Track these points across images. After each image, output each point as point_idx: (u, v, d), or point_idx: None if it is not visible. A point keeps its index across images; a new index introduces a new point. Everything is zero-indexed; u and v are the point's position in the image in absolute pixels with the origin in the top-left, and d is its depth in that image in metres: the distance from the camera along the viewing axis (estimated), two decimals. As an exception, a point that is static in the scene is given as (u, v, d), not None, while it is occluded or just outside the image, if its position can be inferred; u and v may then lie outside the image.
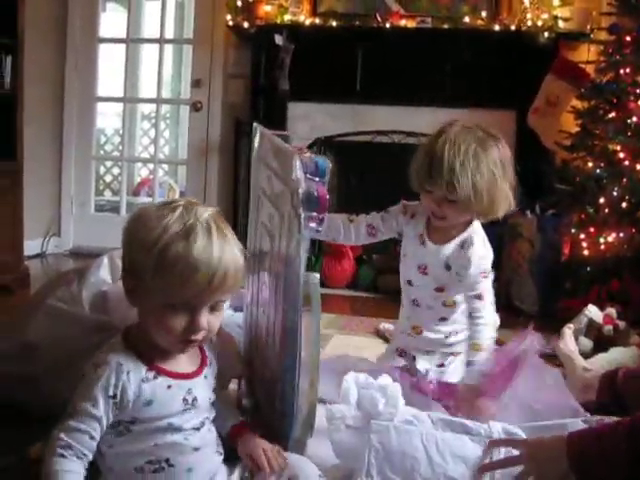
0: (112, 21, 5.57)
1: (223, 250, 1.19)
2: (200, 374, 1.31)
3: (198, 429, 1.28)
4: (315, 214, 1.40)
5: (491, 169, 1.83)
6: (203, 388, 1.30)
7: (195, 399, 1.27)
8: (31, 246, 4.44)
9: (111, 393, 1.17)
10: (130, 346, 1.24)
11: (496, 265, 2.16)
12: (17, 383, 1.90)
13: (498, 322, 2.93)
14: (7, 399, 1.88)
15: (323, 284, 4.16)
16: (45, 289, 2.18)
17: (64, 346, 1.95)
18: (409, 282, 2.08)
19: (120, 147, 5.56)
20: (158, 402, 1.22)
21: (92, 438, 1.16)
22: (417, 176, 1.89)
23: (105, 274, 2.14)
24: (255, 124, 1.83)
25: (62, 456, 1.14)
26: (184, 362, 1.29)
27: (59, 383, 1.87)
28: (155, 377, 1.22)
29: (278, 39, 4.27)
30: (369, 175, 4.25)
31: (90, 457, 1.17)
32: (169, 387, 1.24)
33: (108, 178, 6.41)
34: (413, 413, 1.52)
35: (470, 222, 1.98)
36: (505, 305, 3.31)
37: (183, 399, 1.25)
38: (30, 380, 1.90)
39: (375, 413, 1.47)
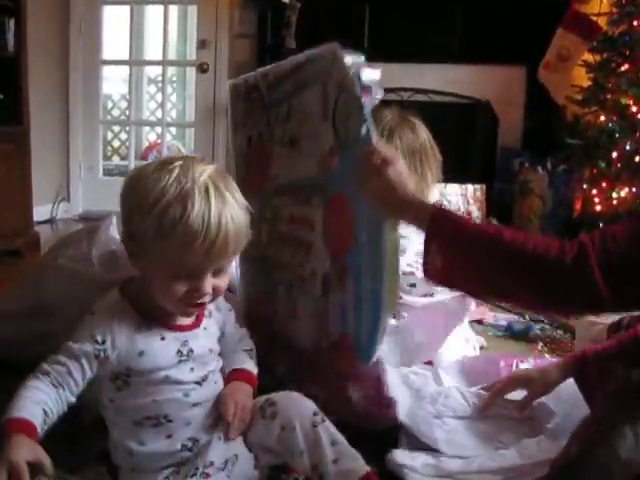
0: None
1: (222, 214, 1.15)
2: (198, 326, 1.29)
3: (199, 383, 1.27)
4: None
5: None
6: (202, 339, 1.29)
7: (191, 350, 1.26)
8: (40, 212, 4.44)
9: (99, 339, 1.18)
10: (127, 297, 1.24)
11: (507, 221, 2.16)
12: (33, 341, 1.92)
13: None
14: (25, 356, 1.89)
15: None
16: (55, 249, 2.18)
17: (76, 304, 1.95)
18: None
19: (127, 112, 5.53)
20: (151, 353, 1.22)
21: (70, 373, 1.17)
22: None
23: (114, 233, 2.13)
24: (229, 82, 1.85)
25: (36, 377, 1.16)
26: (180, 316, 1.28)
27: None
28: (149, 328, 1.22)
29: (284, -3, 4.22)
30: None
31: (68, 391, 1.17)
32: (163, 338, 1.23)
33: (116, 143, 6.40)
34: None
35: None
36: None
37: (177, 351, 1.24)
38: (45, 337, 1.92)
39: None
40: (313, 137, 1.53)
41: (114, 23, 5.11)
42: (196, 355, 1.26)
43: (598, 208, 3.30)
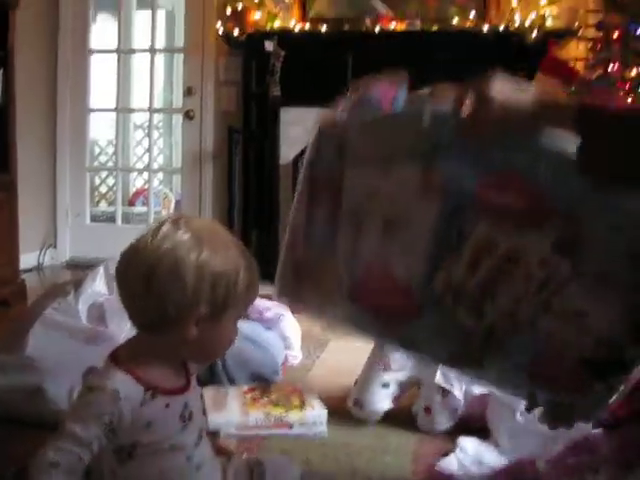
0: (103, 32, 5.59)
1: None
2: (190, 385, 1.29)
3: (197, 444, 1.26)
4: None
5: None
6: (196, 399, 1.29)
7: (191, 413, 1.25)
8: (28, 259, 4.44)
9: (106, 421, 1.14)
10: (124, 367, 1.20)
11: None
12: (21, 395, 1.92)
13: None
14: (16, 412, 1.89)
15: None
16: (42, 301, 2.19)
17: (62, 357, 1.97)
18: None
19: (114, 157, 5.58)
20: (158, 423, 1.19)
21: (81, 460, 1.13)
22: None
23: (101, 285, 2.16)
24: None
25: (49, 474, 1.11)
26: (174, 376, 1.27)
27: (59, 393, 1.90)
28: (153, 397, 1.20)
29: (268, 45, 4.28)
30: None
31: (80, 475, 1.15)
32: (167, 406, 1.21)
33: (103, 189, 6.42)
34: None
35: None
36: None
37: (180, 415, 1.23)
38: (33, 391, 1.92)
39: None
40: None
41: (101, 71, 5.17)
42: (194, 417, 1.26)
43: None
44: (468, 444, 1.84)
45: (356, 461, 1.75)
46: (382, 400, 2.02)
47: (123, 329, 1.95)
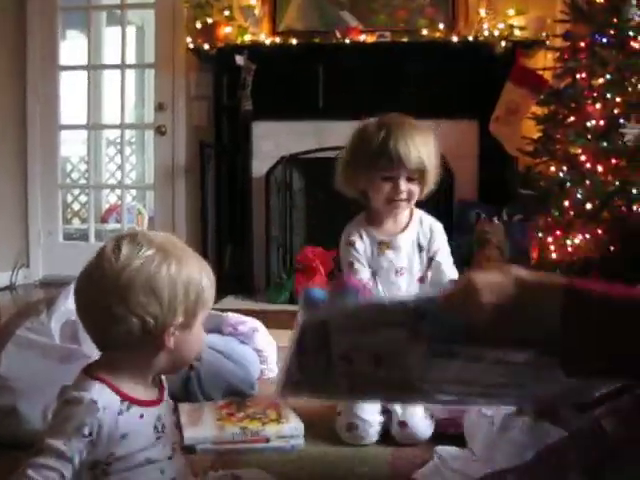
0: (73, 48, 5.56)
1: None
2: (163, 398, 1.31)
3: (170, 458, 1.27)
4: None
5: (431, 140, 1.97)
6: (168, 412, 1.31)
7: (164, 426, 1.27)
8: (0, 279, 4.39)
9: (86, 432, 1.14)
10: (100, 379, 1.21)
11: None
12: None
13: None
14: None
15: (295, 301, 4.18)
16: (14, 320, 2.17)
17: (36, 376, 1.94)
18: None
19: (86, 174, 5.54)
20: (133, 434, 1.20)
21: (63, 477, 1.12)
22: (369, 168, 1.93)
23: (74, 303, 2.13)
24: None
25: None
26: (148, 389, 1.28)
27: (34, 412, 1.88)
28: (129, 408, 1.21)
29: (239, 59, 4.29)
30: (335, 190, 4.27)
31: None
32: (141, 416, 1.23)
33: (76, 206, 6.37)
34: None
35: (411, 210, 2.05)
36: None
37: (154, 427, 1.25)
38: (7, 411, 1.89)
39: None
40: None
41: (71, 88, 5.14)
42: (167, 430, 1.27)
43: (554, 256, 3.36)
44: (446, 453, 1.83)
45: (333, 473, 1.75)
46: (372, 413, 1.95)
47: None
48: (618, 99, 3.24)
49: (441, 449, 1.84)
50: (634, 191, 3.11)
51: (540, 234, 3.46)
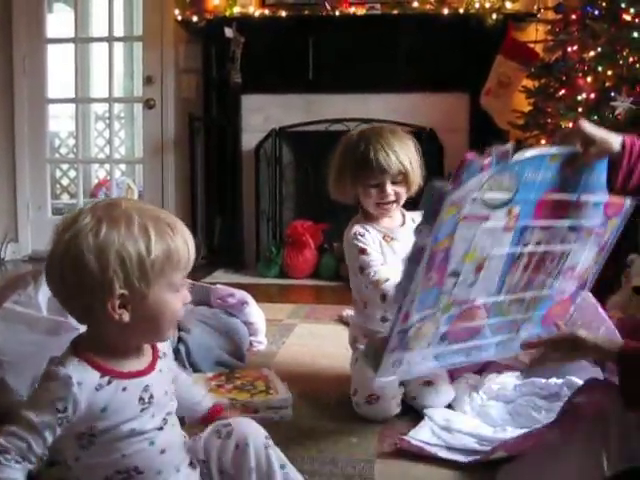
0: (60, 21, 5.49)
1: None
2: (154, 368, 1.28)
3: (161, 428, 1.26)
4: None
5: (409, 144, 2.07)
6: (159, 383, 1.27)
7: (151, 396, 1.24)
8: (-12, 253, 4.38)
9: (59, 407, 1.13)
10: (81, 355, 1.19)
11: None
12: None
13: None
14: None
15: (285, 274, 4.18)
16: (1, 293, 2.15)
17: (24, 349, 1.94)
18: None
19: (75, 149, 5.50)
20: (114, 407, 1.19)
21: (30, 448, 1.13)
22: (356, 178, 2.03)
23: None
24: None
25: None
26: (137, 359, 1.26)
27: (22, 384, 1.88)
28: (109, 382, 1.19)
29: (228, 32, 4.25)
30: (325, 164, 4.26)
31: (32, 462, 1.14)
32: (124, 389, 1.20)
33: (65, 181, 6.33)
34: None
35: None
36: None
37: (139, 398, 1.22)
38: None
39: None
40: None
41: (59, 61, 5.09)
42: (156, 400, 1.25)
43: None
44: (436, 413, 1.86)
45: (322, 443, 1.76)
46: (393, 385, 1.97)
47: (84, 319, 1.92)
48: (609, 72, 3.23)
49: (431, 411, 1.87)
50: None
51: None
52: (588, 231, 1.50)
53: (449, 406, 1.97)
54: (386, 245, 2.06)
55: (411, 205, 2.09)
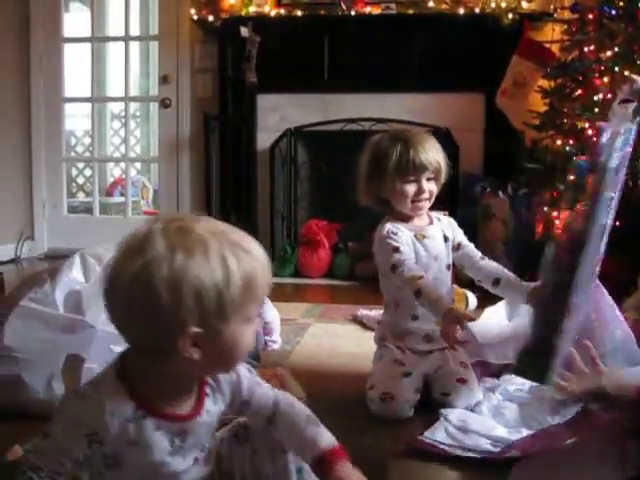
0: (76, 21, 5.52)
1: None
2: (199, 413, 1.16)
3: (188, 470, 1.17)
4: None
5: (437, 143, 2.14)
6: (200, 428, 1.17)
7: (184, 440, 1.15)
8: (5, 251, 4.41)
9: (86, 431, 1.06)
10: (122, 379, 1.10)
11: None
12: (0, 385, 1.90)
13: (475, 303, 2.98)
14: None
15: (300, 274, 4.18)
16: (18, 291, 2.17)
17: (40, 346, 1.95)
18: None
19: (91, 148, 5.53)
20: (143, 444, 1.10)
21: (62, 465, 1.07)
22: (393, 178, 2.07)
23: (77, 273, 2.13)
24: None
25: (32, 478, 1.06)
26: (179, 400, 1.15)
27: (38, 382, 1.89)
28: (144, 417, 1.10)
29: (244, 31, 4.26)
30: (340, 163, 4.26)
31: (63, 477, 1.08)
32: (158, 428, 1.11)
33: (81, 180, 6.37)
34: None
35: None
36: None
37: (170, 441, 1.13)
38: (12, 381, 1.90)
39: None
40: None
41: (75, 60, 5.12)
42: (188, 445, 1.15)
43: (559, 230, 3.35)
44: (451, 413, 1.87)
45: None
46: (410, 390, 2.00)
47: (100, 317, 1.93)
48: (626, 72, 3.20)
49: (446, 411, 1.87)
50: (640, 165, 3.09)
51: (545, 208, 3.45)
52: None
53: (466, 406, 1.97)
54: (418, 242, 2.09)
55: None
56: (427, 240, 2.10)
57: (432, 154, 2.06)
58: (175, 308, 1.01)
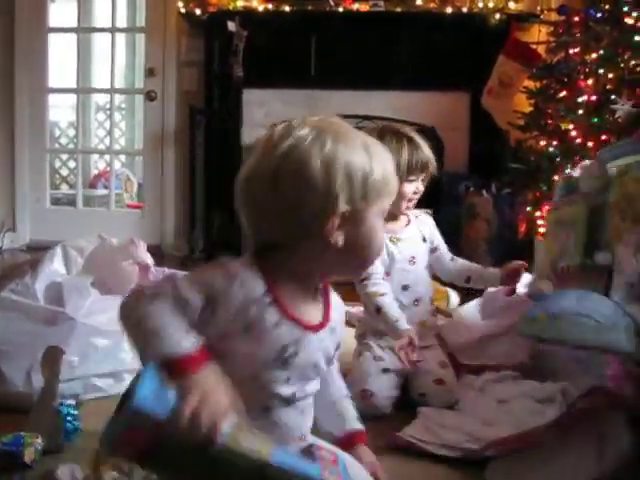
0: (62, 11, 5.48)
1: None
2: (324, 326, 1.12)
3: (287, 402, 1.10)
4: None
5: None
6: (316, 346, 1.11)
7: (297, 353, 1.07)
8: (-14, 242, 4.38)
9: (209, 292, 1.02)
10: (260, 264, 1.07)
11: (455, 245, 2.28)
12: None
13: (457, 300, 2.99)
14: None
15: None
16: (-1, 282, 2.16)
17: (20, 338, 1.94)
18: (405, 287, 2.12)
19: (75, 140, 5.49)
20: (255, 335, 1.04)
21: (188, 304, 1.02)
22: (400, 177, 2.07)
23: (59, 265, 2.14)
24: None
25: (152, 302, 1.00)
26: (309, 305, 1.11)
27: (17, 374, 1.88)
28: (269, 304, 1.05)
29: (231, 25, 4.24)
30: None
31: (186, 317, 1.01)
32: (277, 325, 1.05)
33: (64, 172, 6.32)
34: None
35: None
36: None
37: (283, 347, 1.06)
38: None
39: None
40: None
41: (61, 51, 5.08)
42: (297, 364, 1.08)
43: (541, 230, 3.38)
44: (430, 410, 1.88)
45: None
46: (390, 386, 2.01)
47: (81, 309, 1.93)
48: (610, 75, 3.23)
49: (424, 409, 1.88)
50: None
51: (528, 208, 3.47)
52: None
53: None
54: (392, 245, 2.09)
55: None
56: (402, 243, 2.10)
57: (430, 152, 2.07)
58: (328, 183, 1.03)
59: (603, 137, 3.20)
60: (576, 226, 2.00)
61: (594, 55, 3.31)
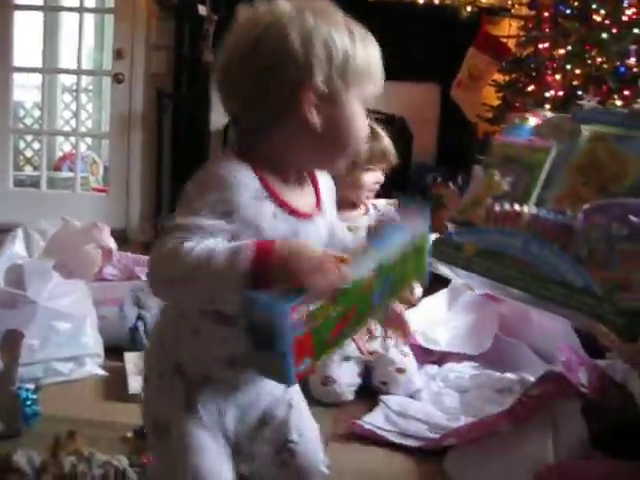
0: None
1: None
2: (318, 214, 1.13)
3: None
4: None
5: None
6: (314, 232, 1.11)
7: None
8: (-54, 222, 4.28)
9: (221, 210, 1.01)
10: (242, 158, 1.05)
11: None
12: None
13: (420, 291, 3.01)
14: None
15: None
16: (-42, 264, 2.12)
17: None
18: None
19: (40, 121, 5.40)
20: (255, 226, 1.03)
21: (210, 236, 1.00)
22: (355, 165, 2.07)
23: (20, 247, 2.11)
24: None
25: (191, 254, 0.96)
26: (296, 191, 1.10)
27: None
28: (266, 197, 1.04)
29: (202, 9, 4.20)
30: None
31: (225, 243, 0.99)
32: (275, 216, 1.05)
33: (29, 153, 6.22)
34: None
35: None
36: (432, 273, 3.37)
37: (282, 236, 1.05)
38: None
39: None
40: None
41: (26, 29, 4.98)
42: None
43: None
44: (391, 399, 1.89)
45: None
46: (351, 374, 2.02)
47: (43, 292, 1.91)
48: (578, 71, 3.26)
49: (386, 397, 1.90)
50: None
51: (494, 201, 3.50)
52: None
53: None
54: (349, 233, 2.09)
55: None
56: (359, 231, 2.11)
57: (389, 142, 2.07)
58: (305, 54, 1.02)
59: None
60: (534, 172, 1.92)
61: (562, 51, 3.34)
